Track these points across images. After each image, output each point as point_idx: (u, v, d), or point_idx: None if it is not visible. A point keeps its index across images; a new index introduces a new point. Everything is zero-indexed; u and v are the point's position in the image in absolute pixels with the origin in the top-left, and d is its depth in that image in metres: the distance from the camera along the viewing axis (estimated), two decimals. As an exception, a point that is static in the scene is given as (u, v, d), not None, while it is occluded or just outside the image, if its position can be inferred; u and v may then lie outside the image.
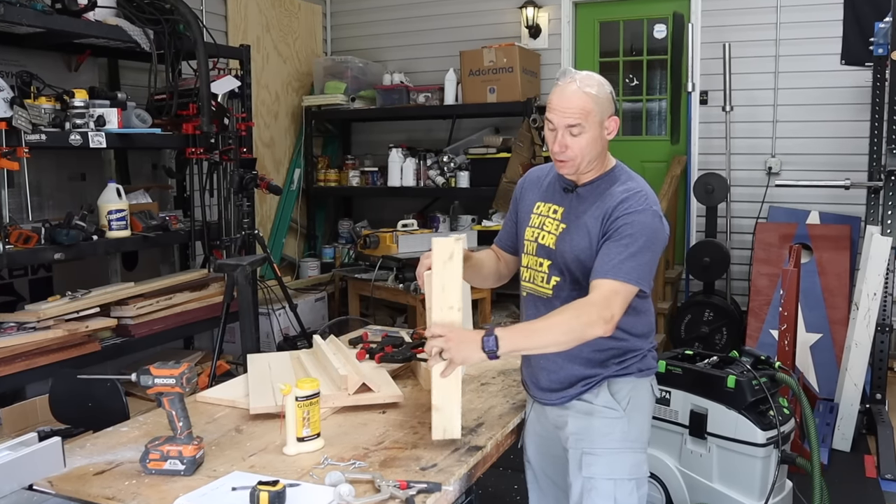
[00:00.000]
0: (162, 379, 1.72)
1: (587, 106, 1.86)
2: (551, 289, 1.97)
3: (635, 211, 1.85)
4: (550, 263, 1.97)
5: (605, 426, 1.93)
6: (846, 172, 4.58)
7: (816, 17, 4.94)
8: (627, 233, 1.83)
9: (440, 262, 1.83)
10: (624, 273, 1.80)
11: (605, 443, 1.93)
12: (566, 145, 1.89)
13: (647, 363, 1.99)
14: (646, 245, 1.83)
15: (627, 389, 1.95)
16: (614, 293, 1.79)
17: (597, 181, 1.96)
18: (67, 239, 3.31)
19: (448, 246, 1.82)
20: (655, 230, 1.86)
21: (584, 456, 1.94)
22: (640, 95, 5.71)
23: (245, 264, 3.51)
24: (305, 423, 1.80)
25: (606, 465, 1.92)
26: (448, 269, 1.82)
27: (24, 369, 3.17)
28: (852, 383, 3.93)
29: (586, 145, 1.89)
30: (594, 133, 1.89)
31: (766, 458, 2.75)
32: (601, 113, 1.89)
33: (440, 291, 1.82)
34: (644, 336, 1.98)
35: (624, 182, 1.93)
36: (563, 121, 1.88)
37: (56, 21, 3.32)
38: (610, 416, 1.93)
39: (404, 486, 1.59)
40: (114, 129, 3.49)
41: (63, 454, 1.67)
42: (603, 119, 1.90)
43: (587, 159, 1.92)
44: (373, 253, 5.06)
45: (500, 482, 3.49)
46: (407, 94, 5.73)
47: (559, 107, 1.88)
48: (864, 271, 4.00)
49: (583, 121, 1.87)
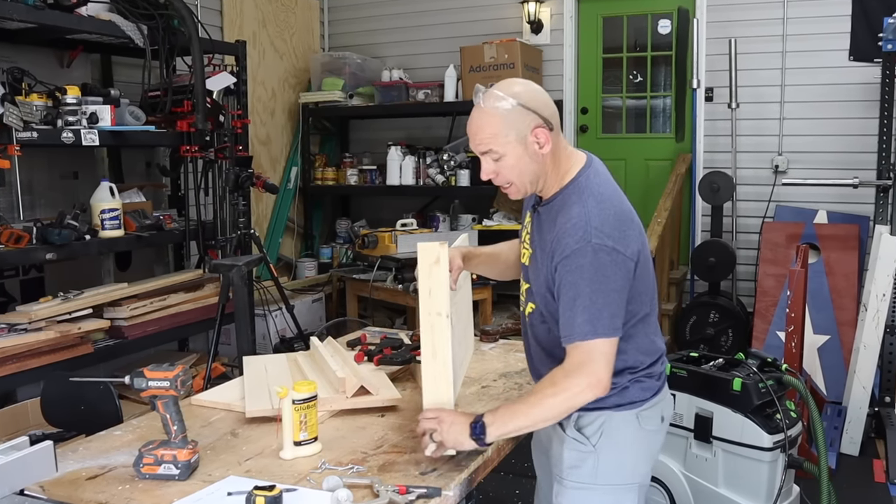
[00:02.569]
0: (156, 381, 1.70)
1: (492, 129, 1.70)
2: (528, 315, 1.89)
3: (571, 253, 1.65)
4: (528, 287, 1.88)
5: (572, 458, 1.81)
6: (854, 171, 4.55)
7: (824, 12, 4.90)
8: (569, 282, 1.66)
9: (426, 267, 1.78)
10: (578, 332, 1.65)
11: (572, 475, 1.82)
12: (494, 172, 1.76)
13: (628, 396, 1.80)
14: (595, 289, 1.64)
15: (598, 424, 1.79)
16: (588, 355, 1.65)
17: (553, 200, 1.79)
18: (59, 239, 3.28)
19: (433, 250, 1.78)
20: (599, 267, 1.64)
21: (555, 483, 1.86)
22: (645, 92, 5.68)
23: (241, 264, 3.50)
24: (302, 426, 1.78)
25: (573, 499, 1.82)
26: (434, 273, 1.78)
27: (15, 372, 3.14)
28: (861, 386, 3.92)
29: (513, 167, 1.73)
30: (516, 153, 1.71)
31: (772, 462, 2.73)
32: (516, 130, 1.70)
33: (427, 296, 1.78)
34: (619, 373, 1.77)
35: (568, 208, 1.72)
36: (476, 148, 1.75)
37: (48, 16, 3.30)
38: (578, 450, 1.80)
39: (403, 490, 1.57)
40: (107, 127, 3.47)
41: (55, 458, 1.65)
42: (523, 135, 1.70)
43: (527, 181, 1.77)
44: (371, 253, 5.02)
45: (502, 487, 3.46)
46: (406, 91, 5.71)
47: (469, 133, 1.75)
48: (872, 272, 4.00)
49: (493, 145, 1.71)
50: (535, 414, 1.71)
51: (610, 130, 5.70)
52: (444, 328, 1.78)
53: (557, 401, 1.68)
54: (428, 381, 1.81)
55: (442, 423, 1.71)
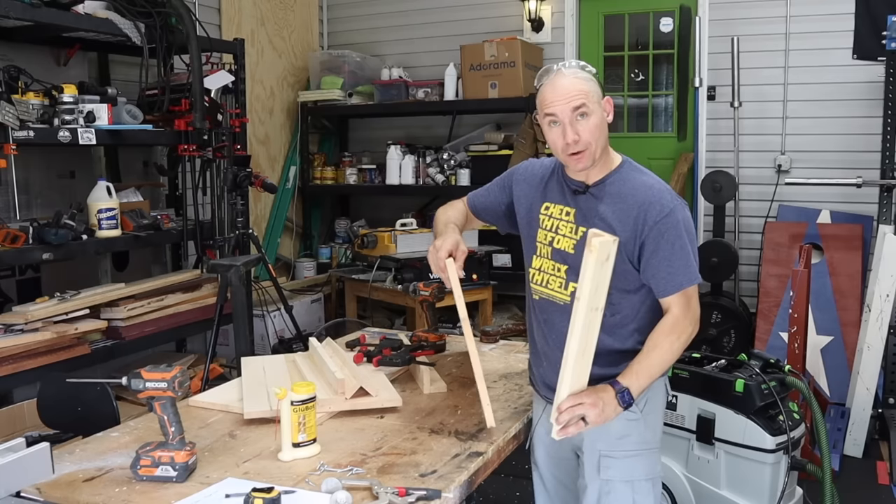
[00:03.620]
0: (153, 382, 1.71)
1: (584, 87, 1.85)
2: (569, 295, 1.91)
3: (669, 212, 1.84)
4: (567, 268, 1.93)
5: (622, 429, 1.91)
6: (858, 170, 4.53)
7: (827, 10, 4.88)
8: (674, 236, 1.84)
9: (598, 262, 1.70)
10: (686, 279, 1.85)
11: (622, 445, 1.92)
12: (577, 133, 1.85)
13: None
14: (689, 241, 1.86)
15: (646, 392, 1.90)
16: (687, 300, 1.86)
17: (608, 179, 1.93)
18: (56, 238, 3.28)
19: (608, 247, 1.72)
20: (689, 222, 1.88)
21: (601, 458, 1.93)
22: (646, 91, 5.66)
23: (239, 265, 3.50)
24: (301, 428, 1.79)
25: (624, 468, 1.92)
26: (605, 269, 1.74)
27: (11, 373, 3.14)
28: (864, 387, 3.92)
29: (595, 128, 1.86)
30: (599, 115, 1.87)
31: (775, 464, 2.72)
32: (597, 94, 1.88)
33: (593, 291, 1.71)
34: None
35: (638, 179, 1.92)
36: (567, 106, 1.84)
37: (44, 14, 3.28)
38: (628, 419, 1.89)
39: (403, 493, 1.58)
40: (104, 126, 3.47)
41: (52, 460, 1.66)
42: (600, 100, 1.89)
43: (600, 145, 1.89)
44: (370, 253, 5.01)
45: (502, 489, 3.45)
46: (406, 90, 5.69)
47: (558, 97, 1.85)
48: (876, 272, 3.99)
49: (587, 101, 1.85)
50: (665, 362, 1.88)
51: (611, 129, 5.43)
52: (597, 325, 1.78)
53: (680, 343, 1.85)
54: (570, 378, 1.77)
55: (594, 407, 1.76)
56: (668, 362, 1.89)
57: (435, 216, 2.26)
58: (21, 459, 1.59)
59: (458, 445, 1.86)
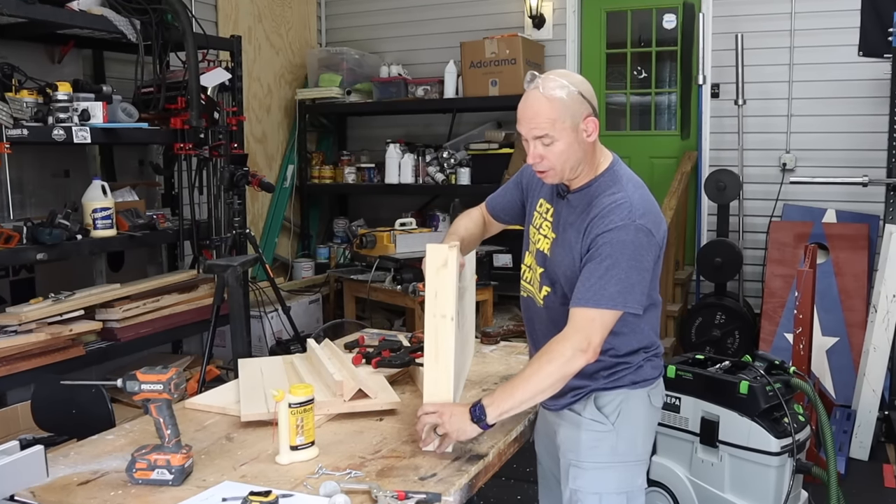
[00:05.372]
0: (149, 384, 1.71)
1: (552, 114, 1.77)
2: (542, 299, 1.93)
3: (615, 227, 1.76)
4: (543, 272, 1.93)
5: (591, 439, 1.91)
6: (864, 169, 4.52)
7: (833, 6, 4.85)
8: (607, 253, 1.75)
9: (434, 269, 1.81)
10: (604, 299, 1.75)
11: (591, 456, 1.91)
12: (540, 156, 1.82)
13: (642, 374, 1.93)
14: (630, 265, 1.75)
15: (617, 402, 1.91)
16: (590, 321, 1.75)
17: (586, 188, 1.89)
18: (50, 238, 3.27)
19: (441, 252, 1.81)
20: (639, 246, 1.76)
21: (570, 467, 1.93)
22: (649, 88, 5.64)
23: (236, 265, 3.49)
24: (299, 430, 1.79)
25: (592, 480, 1.90)
26: (442, 275, 1.81)
27: (4, 375, 3.13)
28: (870, 389, 3.92)
29: (561, 153, 1.80)
30: (567, 139, 1.79)
31: (780, 467, 2.72)
32: (572, 117, 1.79)
33: (433, 298, 1.81)
34: (635, 352, 1.92)
35: (610, 191, 1.84)
36: (529, 132, 1.81)
37: (38, 10, 3.27)
38: (597, 430, 1.90)
39: (402, 496, 1.58)
40: (99, 124, 3.45)
41: (46, 463, 1.65)
42: (576, 123, 1.79)
43: (568, 167, 1.84)
44: (369, 253, 4.98)
45: (503, 492, 3.45)
46: (405, 87, 5.67)
47: (524, 117, 1.81)
48: (882, 272, 3.99)
49: (550, 130, 1.78)
50: (532, 385, 1.78)
51: (614, 127, 5.66)
52: (448, 331, 1.80)
53: (553, 368, 1.75)
54: (429, 384, 1.85)
55: (443, 416, 1.78)
56: (537, 388, 1.78)
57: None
58: (15, 462, 1.58)
59: (458, 448, 1.84)
